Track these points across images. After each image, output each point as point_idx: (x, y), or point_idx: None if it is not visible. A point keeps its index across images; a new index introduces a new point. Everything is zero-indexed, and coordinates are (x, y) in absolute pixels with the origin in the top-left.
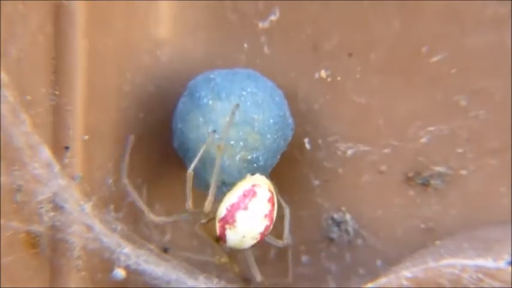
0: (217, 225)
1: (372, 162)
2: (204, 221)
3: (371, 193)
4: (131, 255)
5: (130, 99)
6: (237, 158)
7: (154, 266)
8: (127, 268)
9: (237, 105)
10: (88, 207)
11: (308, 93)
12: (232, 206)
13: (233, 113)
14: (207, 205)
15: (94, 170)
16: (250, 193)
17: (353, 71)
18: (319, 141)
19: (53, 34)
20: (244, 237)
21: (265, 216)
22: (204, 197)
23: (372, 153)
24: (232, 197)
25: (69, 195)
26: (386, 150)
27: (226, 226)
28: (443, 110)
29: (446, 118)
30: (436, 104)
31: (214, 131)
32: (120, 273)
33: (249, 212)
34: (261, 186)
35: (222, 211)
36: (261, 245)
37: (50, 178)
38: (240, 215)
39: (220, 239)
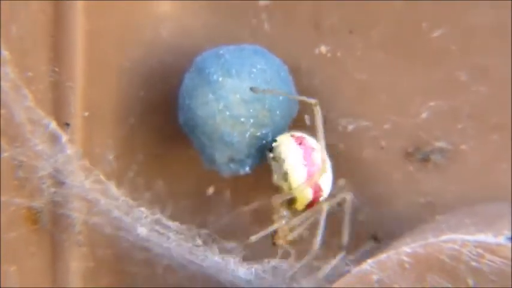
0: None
1: (372, 138)
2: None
3: (371, 168)
4: (148, 215)
5: (131, 76)
6: (247, 135)
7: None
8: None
9: None
10: (89, 182)
11: (309, 69)
12: (306, 157)
13: None
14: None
15: (95, 146)
16: (298, 138)
17: (354, 47)
18: None
19: (53, 11)
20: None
21: None
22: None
23: (372, 129)
24: (298, 153)
25: (71, 171)
26: (386, 126)
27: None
28: (444, 86)
29: (447, 94)
30: (436, 79)
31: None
32: (143, 230)
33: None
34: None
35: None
36: None
37: (51, 154)
38: (314, 154)
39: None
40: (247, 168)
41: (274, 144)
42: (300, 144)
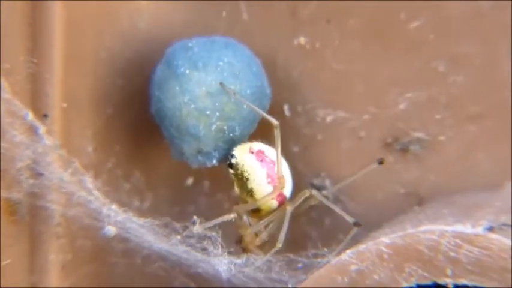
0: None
1: (351, 129)
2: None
3: (350, 159)
4: (119, 212)
5: (108, 67)
6: (213, 128)
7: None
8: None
9: None
10: (67, 174)
11: (287, 60)
12: (270, 174)
13: None
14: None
15: (73, 137)
16: (259, 154)
17: (332, 38)
18: (299, 108)
19: (31, 1)
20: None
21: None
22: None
23: (351, 120)
24: (261, 173)
25: (49, 163)
26: (365, 117)
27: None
28: (422, 76)
29: (425, 84)
30: (414, 70)
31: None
32: (111, 229)
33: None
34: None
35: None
36: None
37: (30, 145)
38: (276, 168)
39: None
40: (214, 161)
41: (233, 160)
42: (261, 161)
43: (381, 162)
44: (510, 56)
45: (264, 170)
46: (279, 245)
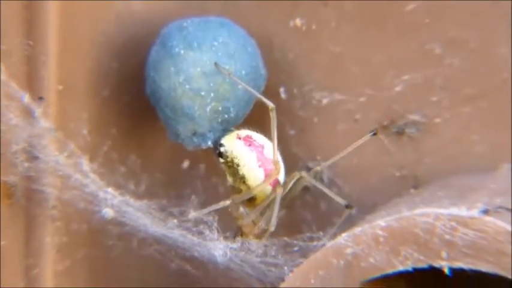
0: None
1: (347, 111)
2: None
3: (346, 142)
4: (115, 195)
5: (103, 49)
6: (208, 108)
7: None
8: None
9: None
10: (63, 157)
11: (283, 42)
12: (260, 157)
13: None
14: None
15: (69, 120)
16: (246, 139)
17: (328, 20)
18: (295, 90)
19: None
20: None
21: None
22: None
23: (347, 102)
24: (251, 157)
25: (45, 145)
26: (361, 99)
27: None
28: (418, 58)
29: (420, 66)
30: (410, 52)
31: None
32: (109, 212)
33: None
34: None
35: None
36: None
37: (25, 128)
38: (266, 151)
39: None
40: (209, 143)
41: (222, 149)
42: (250, 146)
43: (375, 133)
44: (506, 39)
45: (253, 153)
46: (272, 228)
